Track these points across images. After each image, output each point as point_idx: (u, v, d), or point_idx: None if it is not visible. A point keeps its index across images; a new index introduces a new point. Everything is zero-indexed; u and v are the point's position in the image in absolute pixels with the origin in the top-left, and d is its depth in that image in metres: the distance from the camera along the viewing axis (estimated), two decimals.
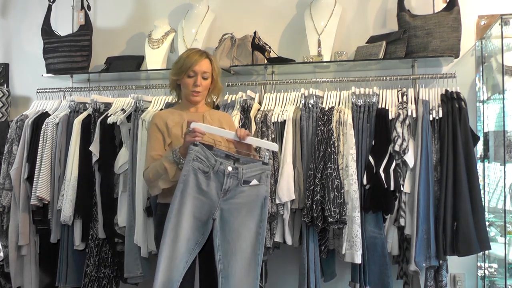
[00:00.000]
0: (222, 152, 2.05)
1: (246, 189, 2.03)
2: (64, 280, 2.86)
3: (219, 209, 2.01)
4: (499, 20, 2.56)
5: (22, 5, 3.69)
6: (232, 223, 2.01)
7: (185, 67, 2.20)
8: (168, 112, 2.31)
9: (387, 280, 2.53)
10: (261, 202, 2.05)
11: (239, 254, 2.00)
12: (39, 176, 2.88)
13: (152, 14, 3.42)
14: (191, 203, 1.99)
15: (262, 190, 2.06)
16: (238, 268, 1.99)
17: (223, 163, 2.01)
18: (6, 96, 3.49)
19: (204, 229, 2.01)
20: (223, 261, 1.99)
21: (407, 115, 2.54)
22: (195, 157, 1.99)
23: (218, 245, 2.00)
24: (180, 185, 1.98)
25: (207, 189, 2.00)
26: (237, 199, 2.03)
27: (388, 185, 2.45)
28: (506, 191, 2.58)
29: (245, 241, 2.01)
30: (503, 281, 2.60)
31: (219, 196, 2.01)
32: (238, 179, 2.02)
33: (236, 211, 2.02)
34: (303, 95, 2.69)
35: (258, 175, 2.06)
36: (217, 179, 2.01)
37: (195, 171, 1.99)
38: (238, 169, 2.02)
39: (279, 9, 3.22)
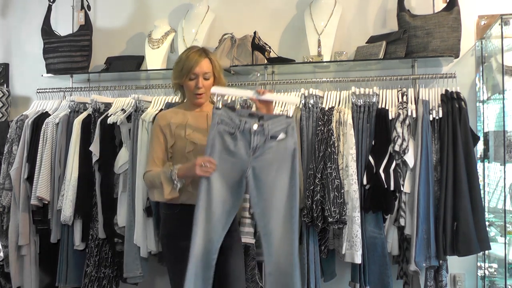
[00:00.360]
0: (245, 111, 2.07)
1: (274, 144, 2.03)
2: (64, 280, 2.86)
3: (251, 168, 2.01)
4: (499, 20, 2.56)
5: (22, 5, 3.69)
6: (265, 179, 2.02)
7: (185, 70, 2.17)
8: (172, 112, 2.29)
9: (387, 280, 2.53)
10: (290, 154, 2.04)
11: (276, 209, 2.01)
12: (39, 176, 2.88)
13: (152, 14, 3.42)
14: (221, 166, 1.99)
15: (290, 142, 2.05)
16: (277, 224, 2.01)
17: (248, 121, 2.02)
18: (6, 96, 3.49)
19: (239, 189, 2.03)
20: (262, 219, 2.02)
21: (407, 115, 2.54)
22: (219, 120, 2.00)
23: (255, 203, 2.03)
24: (208, 150, 2.00)
25: (236, 149, 2.01)
26: (267, 155, 2.03)
27: (388, 185, 2.46)
28: (506, 191, 2.58)
29: (280, 196, 2.02)
30: (503, 281, 2.60)
31: (249, 154, 2.01)
32: (265, 135, 2.02)
33: (267, 167, 2.02)
34: (303, 95, 2.69)
35: (284, 128, 2.05)
36: (244, 138, 2.01)
37: (221, 134, 2.01)
38: (263, 125, 2.02)
39: (279, 9, 3.22)
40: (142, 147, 2.71)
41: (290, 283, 2.01)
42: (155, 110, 2.82)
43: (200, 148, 2.16)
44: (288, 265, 2.00)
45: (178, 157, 2.19)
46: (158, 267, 2.95)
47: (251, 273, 2.63)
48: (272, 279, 2.03)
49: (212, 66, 2.21)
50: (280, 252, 2.01)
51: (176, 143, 2.18)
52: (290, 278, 2.00)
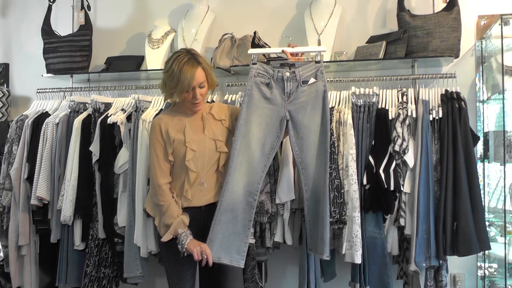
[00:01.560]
0: (277, 62, 2.31)
1: (306, 88, 2.28)
2: (64, 280, 2.86)
3: (287, 111, 2.25)
4: (499, 20, 2.56)
5: (22, 5, 3.69)
6: (301, 120, 2.25)
7: (182, 87, 2.11)
8: (168, 116, 2.26)
9: (387, 280, 2.53)
10: (321, 96, 2.27)
11: (312, 146, 2.25)
12: (39, 176, 2.88)
13: (152, 14, 3.42)
14: (259, 112, 2.25)
15: (320, 85, 2.28)
16: (313, 158, 2.26)
17: (280, 71, 2.28)
18: (6, 96, 3.49)
19: (279, 132, 2.26)
20: (300, 155, 2.26)
21: (407, 115, 2.54)
22: (255, 74, 2.28)
23: (293, 142, 2.26)
24: (246, 98, 2.25)
25: (272, 96, 2.26)
26: (300, 99, 2.26)
27: (388, 185, 2.46)
28: (506, 191, 2.58)
29: (315, 134, 2.25)
30: (503, 281, 2.60)
31: (284, 100, 2.26)
32: (297, 80, 2.26)
33: (302, 109, 2.26)
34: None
35: (314, 73, 2.29)
36: (279, 85, 2.27)
37: (257, 85, 2.27)
38: (295, 72, 2.27)
39: (279, 9, 3.22)
40: (142, 147, 2.71)
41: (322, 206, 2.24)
42: (155, 110, 2.82)
43: (199, 155, 2.17)
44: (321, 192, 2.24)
45: (178, 165, 2.20)
46: (158, 267, 2.95)
47: (251, 273, 2.63)
48: (310, 203, 2.29)
49: (206, 74, 2.17)
50: (315, 181, 2.26)
51: (175, 151, 2.18)
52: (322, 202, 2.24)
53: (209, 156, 2.19)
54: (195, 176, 2.18)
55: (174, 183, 2.22)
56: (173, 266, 2.21)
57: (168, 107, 2.76)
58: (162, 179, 2.17)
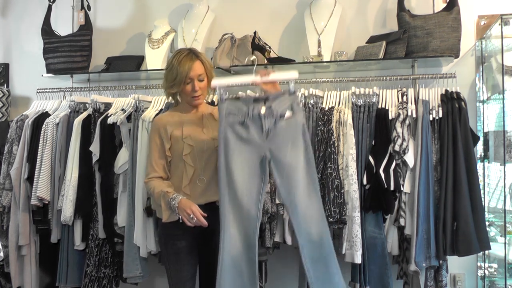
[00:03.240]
0: (249, 98, 2.11)
1: (284, 123, 2.07)
2: (64, 280, 2.86)
3: (268, 150, 2.04)
4: (499, 20, 2.56)
5: (22, 5, 3.69)
6: (284, 158, 2.04)
7: (180, 77, 2.17)
8: (168, 115, 2.31)
9: (387, 280, 2.53)
10: (301, 129, 2.08)
11: (298, 184, 2.04)
12: (39, 176, 2.88)
13: (152, 14, 3.42)
14: (238, 157, 2.03)
15: (299, 117, 2.09)
16: (301, 197, 2.03)
17: (255, 107, 2.05)
18: (6, 96, 3.49)
19: (262, 174, 2.04)
20: (288, 198, 2.04)
21: (407, 115, 2.54)
22: (227, 113, 2.04)
23: (279, 184, 2.04)
24: (221, 144, 2.03)
25: (249, 136, 2.04)
26: (280, 135, 2.06)
27: (388, 185, 2.46)
28: (506, 191, 2.58)
29: (300, 172, 2.05)
30: (503, 281, 2.60)
31: (263, 139, 2.04)
32: (274, 116, 2.05)
33: (283, 147, 2.05)
34: (303, 95, 2.69)
35: (289, 105, 2.09)
36: (255, 123, 2.05)
37: (231, 125, 2.04)
38: (271, 107, 2.05)
39: (279, 9, 3.22)
40: (142, 147, 2.71)
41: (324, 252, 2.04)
42: (155, 110, 2.82)
43: (197, 150, 2.18)
44: (318, 233, 2.03)
45: (176, 160, 2.21)
46: (158, 267, 2.95)
47: None
48: (307, 250, 2.03)
49: (204, 67, 2.23)
50: (308, 221, 2.04)
51: (173, 146, 2.20)
52: (323, 247, 2.04)
53: (208, 154, 2.19)
54: (193, 171, 2.18)
55: (173, 179, 2.23)
56: (173, 266, 2.21)
57: (168, 108, 2.77)
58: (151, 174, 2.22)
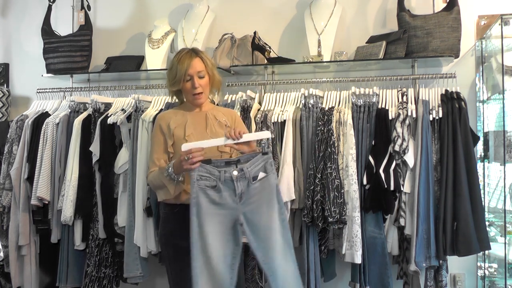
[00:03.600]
0: (221, 161, 2.04)
1: (257, 185, 2.03)
2: (64, 280, 2.86)
3: (242, 214, 1.99)
4: (499, 20, 2.56)
5: (22, 5, 3.69)
6: (259, 221, 2.00)
7: (179, 74, 2.17)
8: (172, 112, 2.30)
9: (387, 280, 2.53)
10: (275, 190, 2.04)
11: (275, 247, 2.00)
12: (39, 176, 2.88)
13: (152, 14, 3.42)
14: (211, 221, 1.97)
15: (272, 179, 2.05)
16: (279, 260, 2.00)
17: (227, 170, 2.00)
18: (6, 96, 3.49)
19: (236, 239, 1.99)
20: (266, 260, 1.98)
21: (407, 115, 2.54)
22: (198, 177, 1.98)
23: (255, 248, 1.98)
24: (194, 209, 1.96)
25: (222, 200, 1.99)
26: (254, 197, 2.02)
27: (388, 185, 2.46)
28: (506, 191, 2.58)
29: (275, 233, 2.01)
30: (503, 281, 2.60)
31: (236, 202, 2.00)
32: (246, 178, 2.01)
33: (258, 209, 2.01)
34: (303, 95, 2.69)
35: (262, 166, 2.05)
36: (228, 187, 1.99)
37: (203, 190, 1.98)
38: (243, 169, 2.01)
39: (279, 9, 3.22)
40: (142, 147, 2.71)
41: None
42: (155, 110, 2.83)
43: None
44: None
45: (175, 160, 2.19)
46: (158, 267, 2.95)
47: (251, 273, 2.63)
48: None
49: (205, 65, 2.21)
50: (287, 285, 2.00)
51: (175, 144, 2.18)
52: None
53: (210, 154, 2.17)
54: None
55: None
56: (173, 266, 2.21)
57: (168, 107, 2.77)
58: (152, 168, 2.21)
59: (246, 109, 2.75)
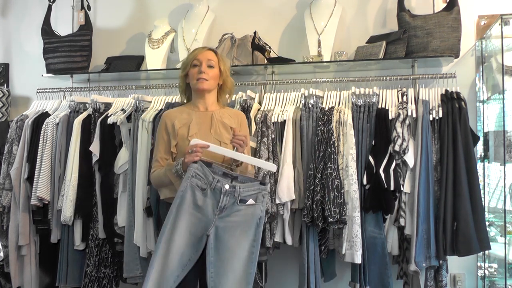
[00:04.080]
0: (220, 169, 2.05)
1: (242, 208, 2.02)
2: (64, 280, 2.86)
3: (214, 227, 1.98)
4: (499, 20, 2.56)
5: (22, 5, 3.69)
6: (227, 241, 1.98)
7: (189, 58, 2.23)
8: (178, 111, 2.28)
9: (387, 280, 2.53)
10: (256, 222, 2.02)
11: (231, 273, 1.96)
12: (39, 176, 2.88)
13: (152, 14, 3.42)
14: (186, 219, 1.98)
15: (258, 210, 2.04)
16: (229, 286, 1.95)
17: (220, 180, 2.01)
18: (6, 96, 3.49)
19: (198, 245, 1.98)
20: (215, 279, 1.96)
21: (407, 115, 2.54)
22: (194, 174, 1.99)
23: (210, 262, 1.96)
24: (177, 200, 1.98)
25: (203, 205, 1.99)
26: (233, 217, 2.01)
27: (388, 185, 2.45)
28: (506, 191, 2.58)
29: (238, 261, 1.98)
30: (503, 281, 2.60)
31: (215, 213, 1.99)
32: (234, 197, 2.01)
33: (231, 230, 1.99)
34: (303, 95, 2.69)
35: (255, 194, 2.04)
36: (214, 196, 2.00)
37: (192, 188, 1.99)
38: (235, 187, 2.01)
39: (279, 9, 3.22)
40: (142, 147, 2.71)
41: None
42: (155, 110, 2.83)
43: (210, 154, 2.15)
44: None
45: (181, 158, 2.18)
46: None
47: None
48: None
49: (218, 59, 2.23)
50: None
51: (179, 143, 2.17)
52: None
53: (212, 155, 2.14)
54: None
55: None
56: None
57: (168, 107, 2.77)
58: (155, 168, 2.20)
59: (246, 109, 2.75)
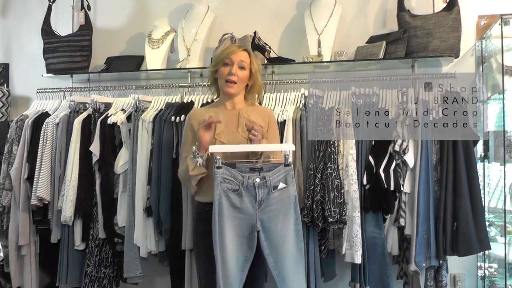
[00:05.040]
0: (245, 167, 2.08)
1: (277, 194, 2.08)
2: (64, 280, 2.86)
3: (259, 220, 2.05)
4: (499, 20, 2.56)
5: (22, 5, 3.69)
6: (274, 229, 2.06)
7: (222, 56, 2.20)
8: (204, 110, 2.29)
9: (387, 280, 2.53)
10: (293, 202, 2.09)
11: (288, 255, 2.06)
12: (39, 176, 2.87)
13: (152, 14, 3.42)
14: (230, 223, 2.04)
15: (291, 190, 2.10)
16: (289, 269, 2.06)
17: (250, 177, 2.06)
18: (6, 96, 3.49)
19: (250, 244, 2.05)
20: (277, 267, 2.05)
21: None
22: (222, 180, 2.04)
23: (268, 254, 2.05)
24: (216, 210, 2.03)
25: (242, 205, 2.05)
26: (272, 206, 2.07)
27: (388, 185, 2.45)
28: (506, 191, 2.58)
29: (289, 242, 2.07)
30: (503, 281, 2.60)
31: (255, 208, 2.05)
32: (267, 187, 2.06)
33: (274, 218, 2.07)
34: (303, 95, 2.69)
35: (284, 177, 2.10)
36: (249, 193, 2.06)
37: (225, 193, 2.05)
38: (265, 178, 2.06)
39: (279, 9, 3.22)
40: (142, 147, 2.72)
41: None
42: (155, 110, 2.83)
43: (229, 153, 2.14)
44: None
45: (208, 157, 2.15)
46: (158, 267, 2.95)
47: None
48: None
49: (250, 61, 2.22)
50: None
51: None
52: None
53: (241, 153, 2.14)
54: None
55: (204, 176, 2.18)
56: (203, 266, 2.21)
57: (168, 107, 2.77)
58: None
59: None
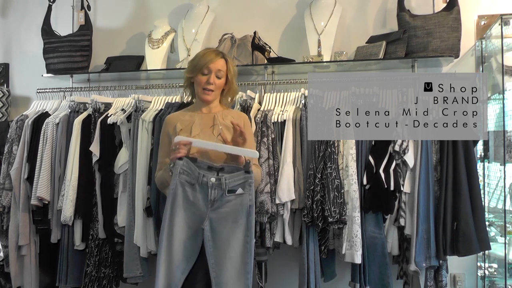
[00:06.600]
0: (204, 164, 2.08)
1: (232, 198, 2.06)
2: (64, 280, 2.85)
3: (208, 219, 2.04)
4: (499, 20, 2.57)
5: (22, 5, 3.69)
6: (221, 232, 2.04)
7: (200, 64, 2.20)
8: (180, 114, 2.31)
9: (387, 280, 2.53)
10: (246, 211, 2.06)
11: (229, 262, 2.02)
12: (39, 176, 2.87)
13: (152, 14, 3.42)
14: (182, 214, 2.05)
15: (246, 199, 2.06)
16: (229, 277, 2.01)
17: (205, 175, 2.05)
18: (6, 96, 3.49)
19: (197, 238, 2.04)
20: (215, 269, 2.02)
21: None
22: (181, 170, 2.05)
23: (209, 253, 2.02)
24: (170, 198, 2.04)
25: (195, 200, 2.05)
26: (224, 208, 2.05)
27: (388, 185, 2.46)
28: (506, 191, 2.58)
29: (233, 250, 2.03)
30: (503, 281, 2.60)
31: (207, 206, 2.05)
32: (222, 189, 2.05)
33: (223, 220, 2.05)
34: (303, 95, 2.69)
35: (242, 184, 2.06)
36: (203, 190, 2.05)
37: (182, 184, 2.05)
38: (221, 179, 2.05)
39: (279, 9, 3.22)
40: (142, 147, 2.71)
41: None
42: (155, 110, 2.83)
43: (205, 151, 2.16)
44: None
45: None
46: None
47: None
48: None
49: (227, 68, 2.24)
50: None
51: None
52: None
53: (216, 155, 2.17)
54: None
55: None
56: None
57: (168, 107, 2.77)
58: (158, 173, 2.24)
59: (246, 109, 2.75)
